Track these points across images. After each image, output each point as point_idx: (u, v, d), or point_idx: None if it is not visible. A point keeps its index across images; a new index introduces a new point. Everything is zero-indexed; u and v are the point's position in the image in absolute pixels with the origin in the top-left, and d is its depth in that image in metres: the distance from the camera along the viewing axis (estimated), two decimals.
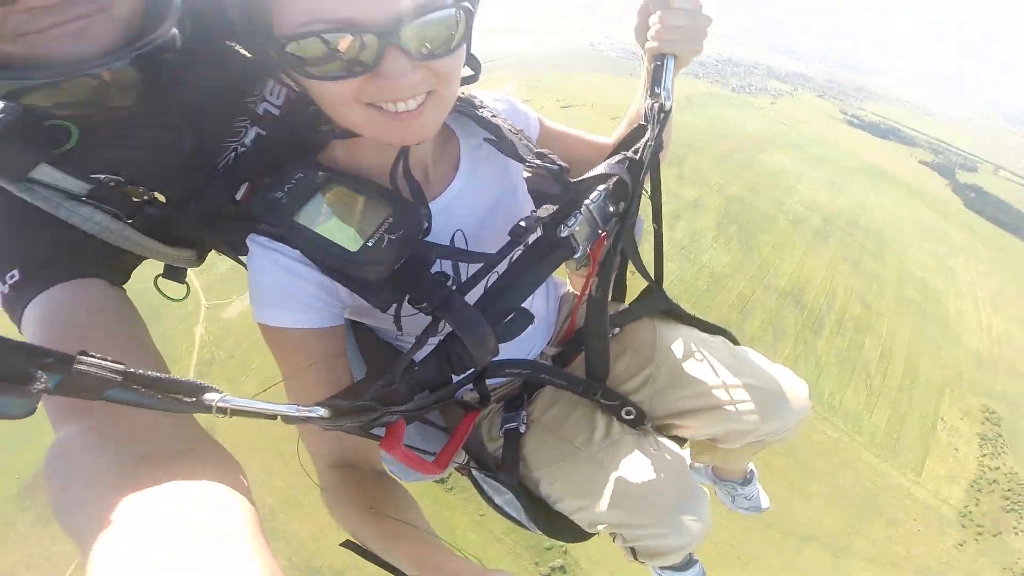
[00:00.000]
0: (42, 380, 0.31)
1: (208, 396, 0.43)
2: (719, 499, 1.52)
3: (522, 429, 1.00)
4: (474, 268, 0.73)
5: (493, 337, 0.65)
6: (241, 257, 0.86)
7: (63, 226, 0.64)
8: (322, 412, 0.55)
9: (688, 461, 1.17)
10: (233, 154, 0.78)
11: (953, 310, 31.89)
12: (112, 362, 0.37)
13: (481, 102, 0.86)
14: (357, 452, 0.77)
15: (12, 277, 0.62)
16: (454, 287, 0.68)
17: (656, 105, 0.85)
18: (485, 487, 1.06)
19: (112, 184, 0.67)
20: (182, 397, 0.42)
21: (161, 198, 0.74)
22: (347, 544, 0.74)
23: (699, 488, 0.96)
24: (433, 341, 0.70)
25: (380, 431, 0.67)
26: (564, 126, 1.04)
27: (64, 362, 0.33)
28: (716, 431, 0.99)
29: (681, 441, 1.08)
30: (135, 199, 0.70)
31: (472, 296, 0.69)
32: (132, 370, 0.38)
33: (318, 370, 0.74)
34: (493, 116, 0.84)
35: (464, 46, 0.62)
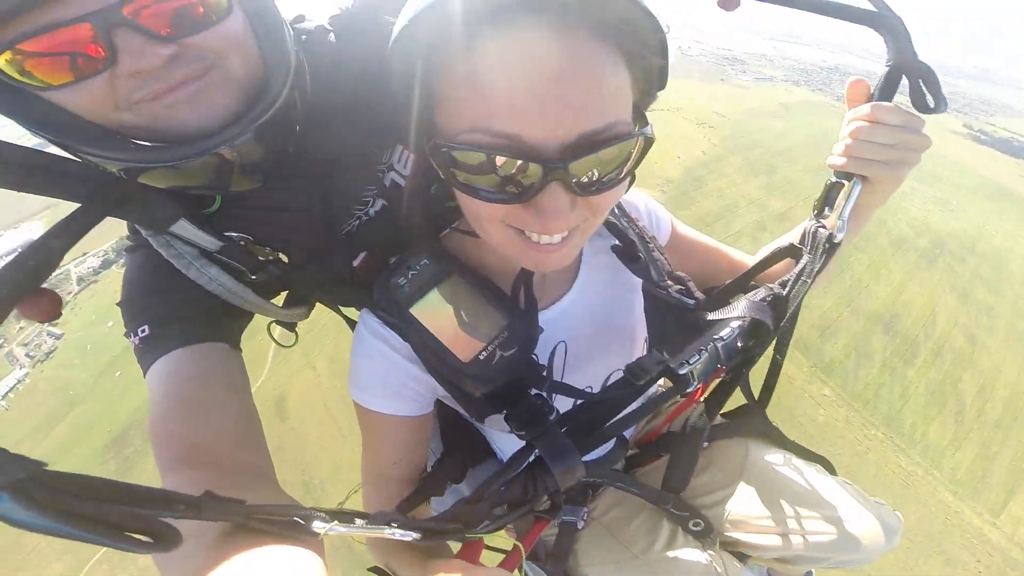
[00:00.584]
0: (175, 539, 0.34)
1: (317, 524, 0.45)
2: None
3: (580, 525, 0.96)
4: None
5: (583, 469, 0.62)
6: (344, 310, 0.90)
7: (191, 286, 0.68)
8: (415, 536, 0.54)
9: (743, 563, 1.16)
10: (357, 222, 0.78)
11: None
12: (235, 502, 0.39)
13: (617, 204, 0.78)
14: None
15: (143, 331, 0.67)
16: (553, 417, 0.65)
17: (820, 231, 0.74)
18: (527, 569, 1.02)
19: (243, 243, 0.70)
20: (291, 519, 0.44)
21: (284, 258, 0.76)
22: (375, 570, 0.78)
23: None
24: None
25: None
26: (698, 233, 0.96)
27: (193, 507, 0.36)
28: (786, 555, 0.93)
29: (745, 557, 1.03)
30: (260, 258, 0.72)
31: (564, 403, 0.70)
32: (253, 507, 0.41)
33: (400, 457, 0.76)
34: (626, 223, 0.78)
35: (632, 175, 0.56)
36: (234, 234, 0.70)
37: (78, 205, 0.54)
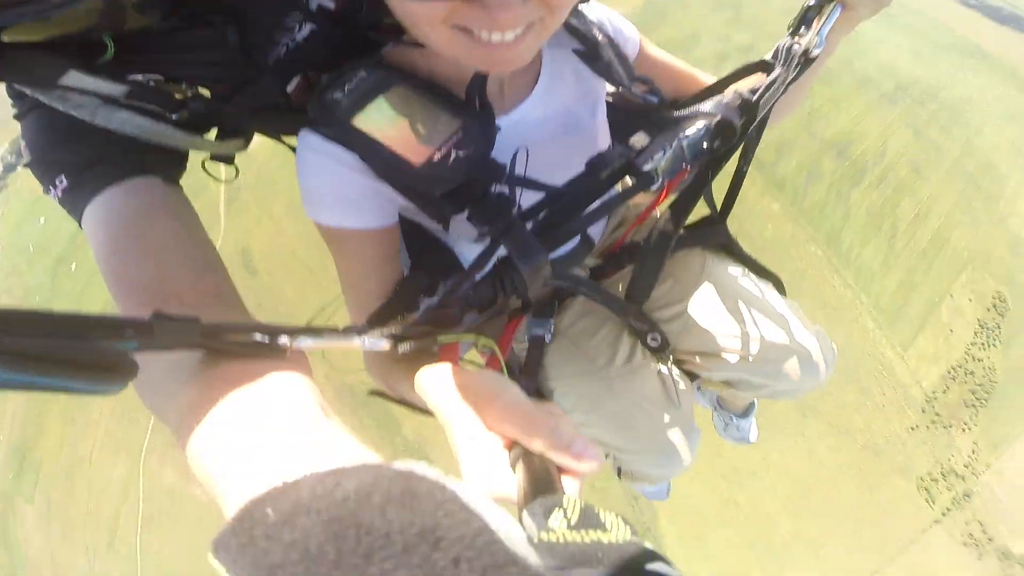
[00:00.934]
0: (131, 369, 0.31)
1: (282, 340, 0.44)
2: (712, 421, 1.54)
3: (548, 338, 0.97)
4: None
5: (549, 267, 0.63)
6: (286, 140, 0.85)
7: (103, 131, 0.63)
8: (384, 344, 0.53)
9: (697, 386, 1.18)
10: (284, 49, 0.72)
11: (1010, 191, 29.48)
12: (188, 320, 0.37)
13: (577, 8, 0.75)
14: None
15: (61, 182, 0.63)
16: (516, 212, 0.64)
17: (794, 47, 0.73)
18: None
19: (152, 84, 0.64)
20: (256, 339, 0.43)
21: (206, 93, 0.72)
22: (375, 392, 0.79)
23: (696, 429, 0.97)
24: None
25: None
26: (668, 55, 0.92)
27: (144, 331, 0.33)
28: (731, 377, 0.98)
29: (696, 376, 1.07)
30: (178, 96, 0.67)
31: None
32: (208, 324, 0.39)
33: (373, 273, 0.74)
34: (589, 27, 0.74)
35: None
36: (139, 76, 0.63)
37: None
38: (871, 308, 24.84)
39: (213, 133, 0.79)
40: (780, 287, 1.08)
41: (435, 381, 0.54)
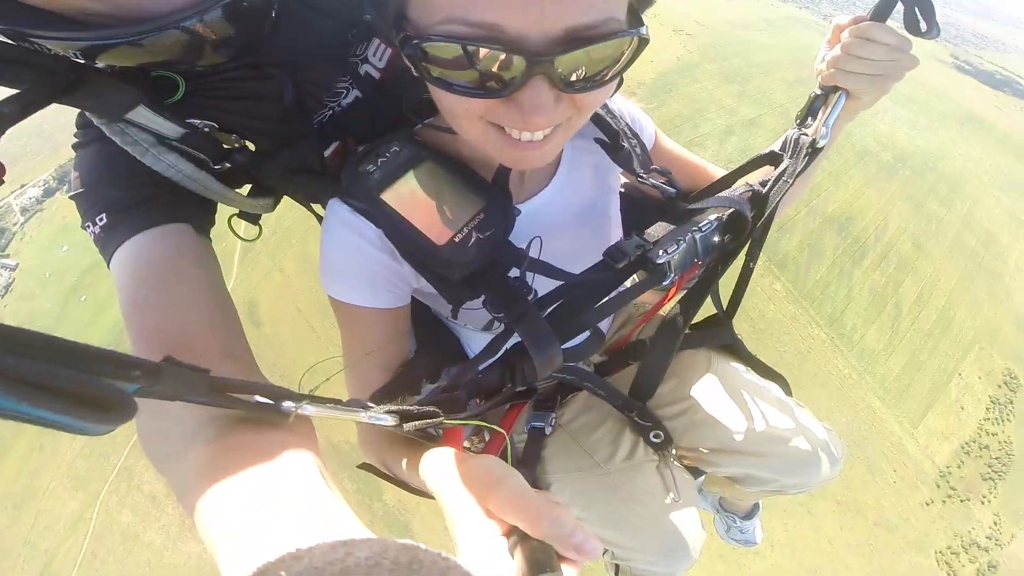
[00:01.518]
0: (129, 410, 0.29)
1: (286, 404, 0.44)
2: (714, 525, 1.48)
3: (548, 431, 0.97)
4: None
5: (561, 357, 0.62)
6: (314, 206, 0.87)
7: (150, 173, 0.66)
8: (389, 420, 0.54)
9: (699, 488, 1.17)
10: (330, 112, 0.76)
11: (1012, 266, 29.58)
12: (197, 370, 0.37)
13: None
14: None
15: (101, 220, 0.65)
16: (532, 299, 0.64)
17: (803, 137, 0.75)
18: None
19: (206, 130, 0.67)
20: (261, 400, 0.43)
21: (250, 146, 0.74)
22: (364, 466, 0.78)
23: (700, 523, 0.95)
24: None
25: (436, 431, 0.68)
26: (682, 148, 0.95)
27: (151, 373, 0.32)
28: (737, 473, 0.97)
29: (699, 472, 1.05)
30: (225, 146, 0.70)
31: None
32: (218, 378, 0.39)
33: (378, 351, 0.74)
34: (612, 117, 0.77)
35: (622, 74, 0.55)
36: (197, 121, 0.66)
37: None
38: (876, 387, 24.13)
39: (246, 190, 0.80)
40: (786, 387, 1.06)
41: (438, 466, 0.54)
